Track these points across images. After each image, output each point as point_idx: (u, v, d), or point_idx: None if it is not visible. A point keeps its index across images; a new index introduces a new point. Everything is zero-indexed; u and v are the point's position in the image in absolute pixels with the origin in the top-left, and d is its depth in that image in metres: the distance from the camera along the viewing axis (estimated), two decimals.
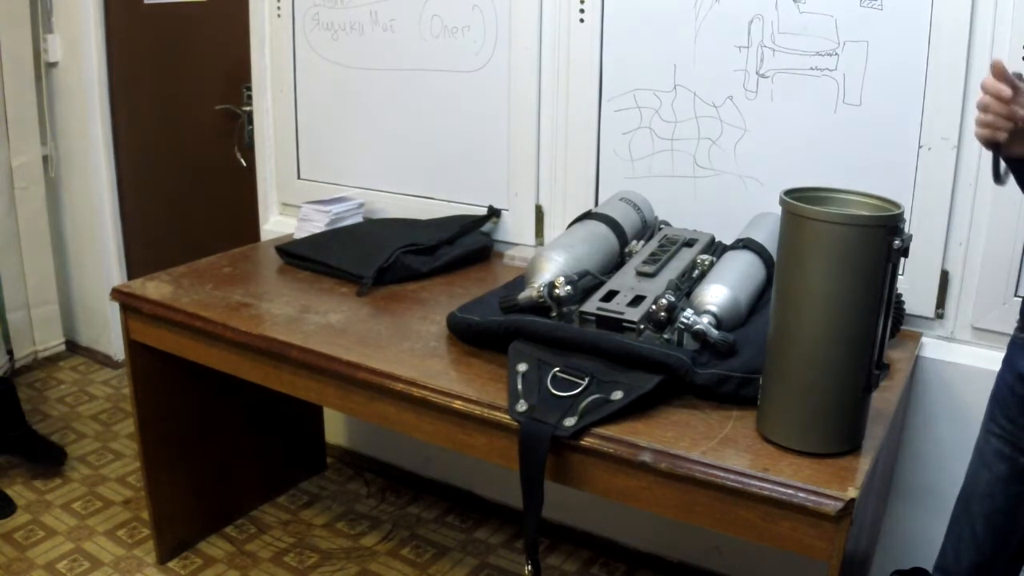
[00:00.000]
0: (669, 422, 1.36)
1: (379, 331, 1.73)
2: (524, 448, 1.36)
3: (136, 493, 2.52)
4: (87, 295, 3.41)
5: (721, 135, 1.92)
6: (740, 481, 1.23)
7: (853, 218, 1.18)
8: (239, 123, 2.84)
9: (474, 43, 2.20)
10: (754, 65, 1.85)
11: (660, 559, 2.24)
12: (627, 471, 1.32)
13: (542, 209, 2.21)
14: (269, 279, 2.09)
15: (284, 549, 2.32)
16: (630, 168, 2.06)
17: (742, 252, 1.69)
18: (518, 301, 1.63)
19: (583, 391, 1.39)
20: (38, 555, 2.24)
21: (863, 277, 1.18)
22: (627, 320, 1.50)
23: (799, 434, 1.27)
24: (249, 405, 2.34)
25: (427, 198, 2.38)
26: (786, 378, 1.26)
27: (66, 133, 3.24)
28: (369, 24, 2.35)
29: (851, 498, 1.16)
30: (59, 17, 3.12)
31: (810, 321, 1.21)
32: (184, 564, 2.23)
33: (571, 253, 1.71)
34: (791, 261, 1.23)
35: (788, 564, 1.96)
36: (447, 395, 1.47)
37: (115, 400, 3.12)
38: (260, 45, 2.56)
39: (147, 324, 1.93)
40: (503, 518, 2.44)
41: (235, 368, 1.80)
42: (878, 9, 1.70)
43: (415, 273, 2.03)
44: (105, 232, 3.27)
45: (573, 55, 2.06)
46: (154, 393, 2.08)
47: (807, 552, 1.21)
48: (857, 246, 1.17)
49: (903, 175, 1.73)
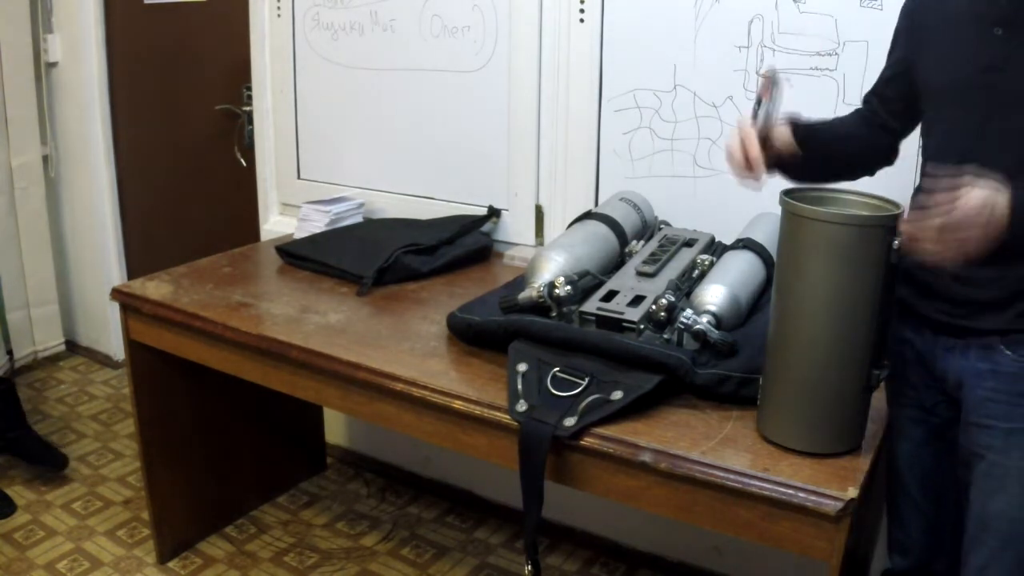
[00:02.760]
0: (669, 422, 1.36)
1: (379, 331, 1.73)
2: (524, 448, 1.36)
3: (136, 493, 2.52)
4: (87, 295, 3.41)
5: (721, 135, 1.92)
6: (740, 481, 1.23)
7: (852, 218, 1.18)
8: (239, 123, 2.84)
9: (474, 43, 2.20)
10: (754, 65, 1.85)
11: (660, 559, 2.24)
12: (627, 471, 1.32)
13: (542, 209, 2.21)
14: (269, 279, 2.09)
15: (284, 549, 2.32)
16: (630, 168, 2.06)
17: (742, 252, 1.69)
18: (518, 301, 1.63)
19: (583, 391, 1.39)
20: (38, 555, 2.24)
21: (862, 277, 1.18)
22: (627, 320, 1.50)
23: (799, 434, 1.27)
24: (249, 405, 2.34)
25: (427, 198, 2.38)
26: (786, 378, 1.26)
27: (66, 133, 3.24)
28: (369, 24, 2.36)
29: (851, 498, 1.16)
30: (59, 17, 3.12)
31: (810, 321, 1.21)
32: (184, 564, 2.23)
33: (571, 253, 1.71)
34: (791, 261, 1.23)
35: (788, 564, 1.96)
36: (447, 395, 1.47)
37: (115, 400, 3.12)
38: (260, 45, 2.56)
39: (147, 324, 1.93)
40: (503, 518, 2.44)
41: (235, 368, 1.80)
42: (878, 9, 1.70)
43: (415, 273, 2.03)
44: (105, 232, 3.27)
45: (573, 55, 2.06)
46: (154, 393, 2.08)
47: (807, 552, 1.21)
48: (856, 246, 1.17)
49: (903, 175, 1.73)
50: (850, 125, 1.46)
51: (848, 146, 1.44)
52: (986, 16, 1.18)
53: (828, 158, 1.41)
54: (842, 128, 1.45)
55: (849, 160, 1.44)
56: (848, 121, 1.47)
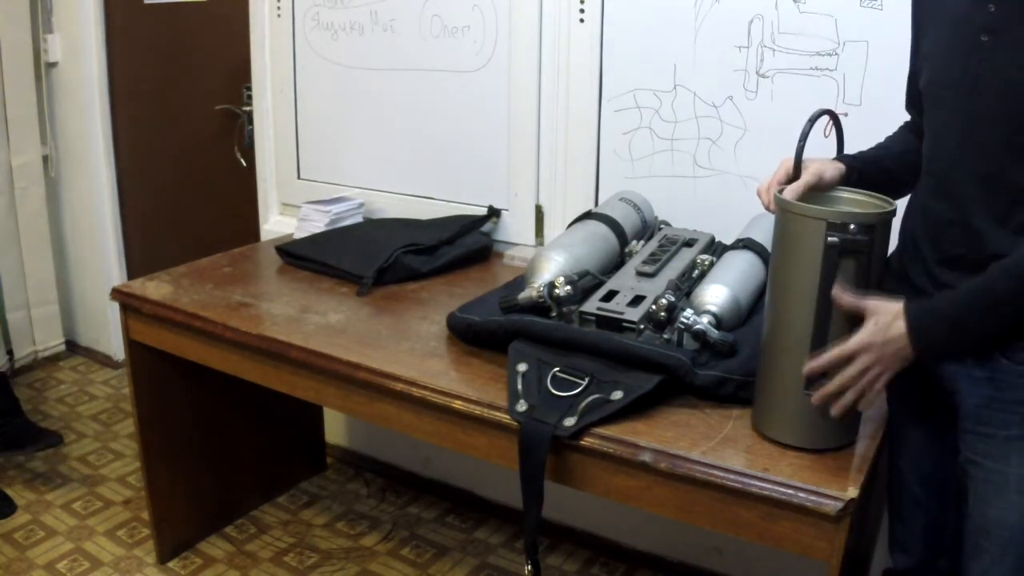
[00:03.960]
0: (669, 422, 1.36)
1: (379, 331, 1.73)
2: (524, 448, 1.36)
3: (136, 493, 2.52)
4: (87, 295, 3.41)
5: (721, 135, 1.93)
6: (740, 481, 1.23)
7: (845, 215, 1.18)
8: (239, 123, 2.84)
9: (474, 43, 2.20)
10: (754, 65, 1.85)
11: (660, 559, 2.24)
12: (627, 471, 1.32)
13: (542, 209, 2.21)
14: (269, 279, 2.09)
15: (284, 549, 2.32)
16: (630, 168, 2.06)
17: (742, 252, 1.69)
18: (518, 301, 1.63)
19: (583, 391, 1.39)
20: (38, 555, 2.24)
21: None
22: (627, 320, 1.50)
23: (792, 428, 1.27)
24: (249, 405, 2.34)
25: (427, 198, 2.38)
26: (780, 374, 1.27)
27: (66, 133, 3.24)
28: (369, 24, 2.36)
29: (851, 498, 1.16)
30: (59, 17, 3.12)
31: (803, 317, 1.22)
32: (184, 564, 2.23)
33: (571, 253, 1.71)
34: (784, 257, 1.24)
35: (788, 564, 1.96)
36: (447, 395, 1.47)
37: (115, 400, 3.12)
38: (260, 45, 2.56)
39: (147, 324, 1.93)
40: (503, 518, 2.44)
41: (235, 368, 1.80)
42: (878, 9, 1.70)
43: (415, 273, 2.03)
44: (105, 232, 3.27)
45: (573, 55, 2.06)
46: (154, 393, 2.08)
47: (807, 552, 1.21)
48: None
49: None
50: (900, 141, 1.43)
51: (906, 160, 1.39)
52: (974, 21, 1.16)
53: (895, 181, 1.37)
54: (895, 146, 1.43)
55: (915, 172, 1.37)
56: (897, 137, 1.45)
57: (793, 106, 1.82)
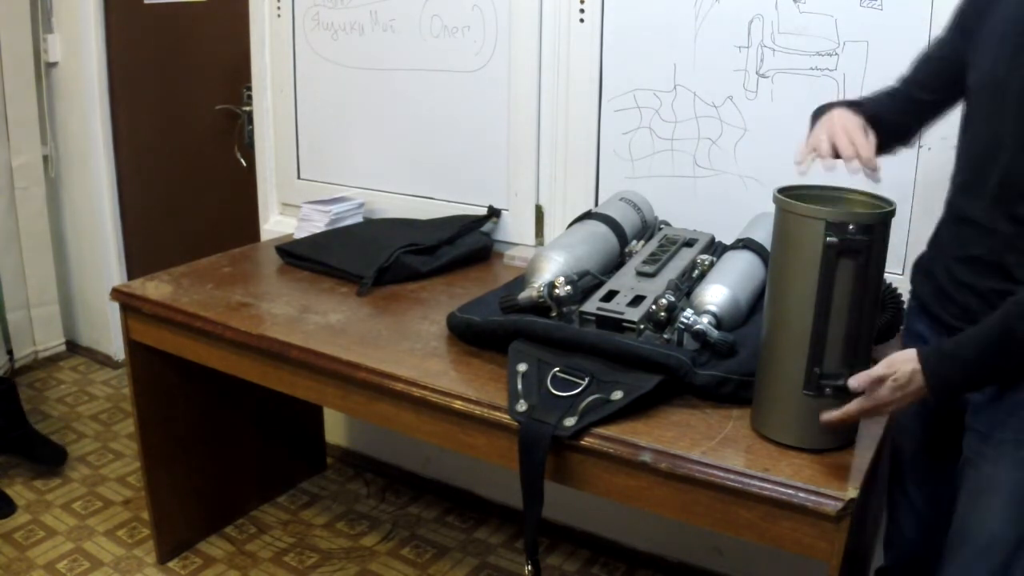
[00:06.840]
0: (669, 422, 1.36)
1: (379, 331, 1.73)
2: (524, 448, 1.36)
3: (136, 493, 2.52)
4: (87, 295, 3.41)
5: (721, 135, 1.93)
6: (740, 481, 1.23)
7: (844, 215, 1.18)
8: (239, 123, 2.84)
9: (474, 43, 2.20)
10: (754, 65, 1.85)
11: (660, 559, 2.24)
12: (627, 471, 1.32)
13: (542, 209, 2.21)
14: (269, 279, 2.09)
15: (284, 549, 2.32)
16: (630, 168, 2.06)
17: (742, 252, 1.69)
18: (518, 301, 1.63)
19: (583, 391, 1.39)
20: (38, 555, 2.24)
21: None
22: (627, 320, 1.50)
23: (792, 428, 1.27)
24: (249, 405, 2.34)
25: (427, 198, 2.38)
26: (780, 374, 1.27)
27: (66, 133, 3.24)
28: (369, 24, 2.36)
29: (851, 498, 1.16)
30: (59, 17, 3.12)
31: (802, 317, 1.22)
32: (184, 564, 2.23)
33: (571, 253, 1.71)
34: (784, 257, 1.24)
35: (788, 564, 1.96)
36: (447, 395, 1.47)
37: (115, 400, 3.12)
38: (260, 45, 2.56)
39: (147, 324, 1.93)
40: (503, 518, 2.44)
41: (235, 368, 1.80)
42: (878, 9, 1.70)
43: (415, 273, 2.03)
44: (105, 232, 3.27)
45: (573, 55, 2.06)
46: (154, 393, 2.08)
47: (807, 552, 1.21)
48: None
49: (903, 175, 1.73)
50: (885, 99, 1.43)
51: (892, 118, 1.40)
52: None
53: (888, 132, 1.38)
54: (891, 115, 1.42)
55: (890, 131, 1.39)
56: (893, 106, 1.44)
57: (793, 106, 1.82)
